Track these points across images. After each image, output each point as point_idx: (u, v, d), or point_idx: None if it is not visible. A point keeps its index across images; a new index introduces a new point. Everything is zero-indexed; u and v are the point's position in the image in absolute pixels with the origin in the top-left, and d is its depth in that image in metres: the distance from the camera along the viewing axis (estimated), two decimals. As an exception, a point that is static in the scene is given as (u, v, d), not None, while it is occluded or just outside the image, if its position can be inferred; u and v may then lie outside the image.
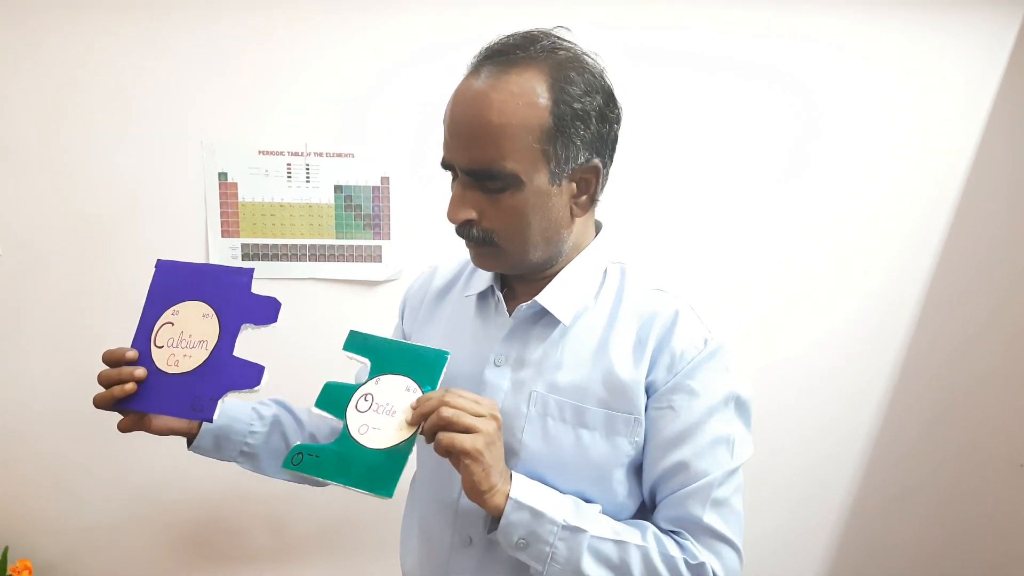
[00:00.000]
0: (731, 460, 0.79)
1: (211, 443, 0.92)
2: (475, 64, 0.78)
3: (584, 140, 0.76)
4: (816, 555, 1.85)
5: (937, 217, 1.71)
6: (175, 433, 0.88)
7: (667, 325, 0.80)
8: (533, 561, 0.76)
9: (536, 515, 0.74)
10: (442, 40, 1.53)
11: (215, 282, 0.83)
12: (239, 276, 0.83)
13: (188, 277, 0.85)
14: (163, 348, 0.81)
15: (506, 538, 0.75)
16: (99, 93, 1.49)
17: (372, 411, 0.78)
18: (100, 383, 0.80)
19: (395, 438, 0.76)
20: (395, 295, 1.60)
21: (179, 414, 0.79)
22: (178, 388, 0.79)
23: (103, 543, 1.66)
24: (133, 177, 1.53)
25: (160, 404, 0.80)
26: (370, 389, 0.79)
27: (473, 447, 0.70)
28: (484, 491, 0.73)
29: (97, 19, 1.46)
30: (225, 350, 0.80)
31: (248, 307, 0.82)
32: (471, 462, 0.71)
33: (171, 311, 0.83)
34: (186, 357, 0.80)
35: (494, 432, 0.73)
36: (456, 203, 0.78)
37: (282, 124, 1.55)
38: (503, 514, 0.74)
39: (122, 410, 0.81)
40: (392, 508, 1.65)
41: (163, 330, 0.82)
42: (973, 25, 1.61)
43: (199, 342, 0.81)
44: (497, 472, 0.74)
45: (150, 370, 0.80)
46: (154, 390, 0.80)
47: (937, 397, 1.79)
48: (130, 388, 0.78)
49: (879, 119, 1.65)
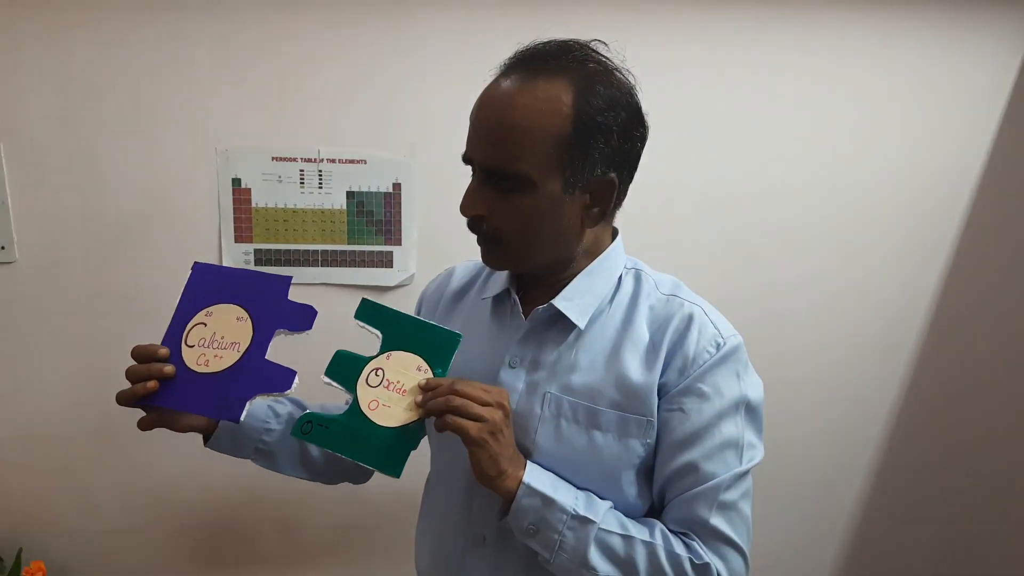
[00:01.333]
0: (740, 464, 0.80)
1: (228, 440, 0.93)
2: (507, 65, 0.79)
3: (603, 154, 0.76)
4: (826, 563, 1.85)
5: (949, 223, 1.70)
6: (194, 430, 0.89)
7: (680, 329, 0.81)
8: (542, 548, 0.77)
9: (547, 502, 0.76)
10: (454, 49, 1.54)
11: (253, 287, 0.85)
12: (277, 283, 0.85)
13: (225, 280, 0.86)
14: (194, 348, 0.82)
15: (516, 523, 0.77)
16: (116, 100, 1.51)
17: (383, 387, 0.79)
18: (128, 378, 0.81)
19: (405, 418, 0.77)
20: (406, 299, 1.62)
21: (204, 412, 0.80)
22: (206, 387, 0.80)
23: (116, 545, 1.67)
24: (149, 182, 1.54)
25: (186, 401, 0.80)
26: (381, 364, 0.80)
27: (479, 435, 0.73)
28: (493, 476, 0.75)
29: (115, 28, 1.48)
30: (257, 353, 0.81)
31: (284, 313, 0.83)
32: (477, 449, 0.74)
33: (204, 312, 0.84)
34: (217, 358, 0.81)
35: (500, 420, 0.75)
36: (470, 197, 0.80)
37: (295, 131, 1.56)
38: (515, 498, 0.76)
39: (145, 406, 0.81)
40: (402, 511, 1.67)
41: (195, 330, 0.83)
42: (986, 32, 1.61)
43: (231, 344, 0.82)
44: (506, 458, 0.76)
45: (178, 368, 0.80)
46: (181, 388, 0.80)
47: (946, 405, 1.78)
48: (152, 386, 0.78)
49: (890, 125, 1.65)
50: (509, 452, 0.77)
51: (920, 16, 1.59)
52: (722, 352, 0.80)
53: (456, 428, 0.73)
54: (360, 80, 1.55)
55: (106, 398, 1.57)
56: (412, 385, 0.78)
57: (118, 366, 1.58)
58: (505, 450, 0.76)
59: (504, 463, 0.75)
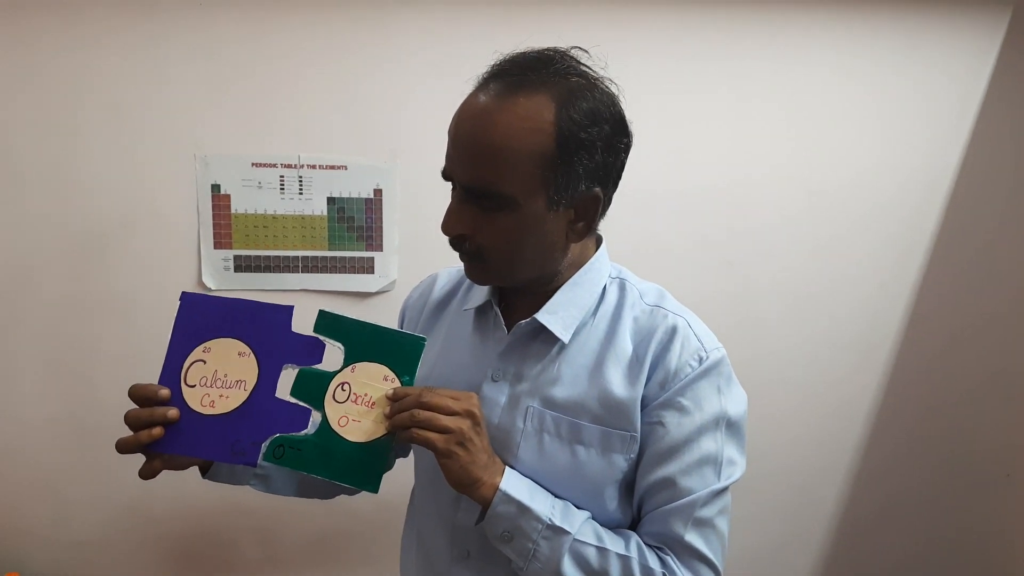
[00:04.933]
0: (717, 481, 0.79)
1: (227, 471, 0.90)
2: (485, 78, 0.76)
3: (587, 169, 0.75)
4: (806, 566, 1.86)
5: (925, 224, 1.72)
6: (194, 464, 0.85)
7: (664, 342, 0.81)
8: (515, 556, 0.77)
9: (523, 510, 0.76)
10: (435, 54, 1.54)
11: (251, 319, 0.79)
12: (277, 314, 0.79)
13: (219, 312, 0.80)
14: (195, 387, 0.77)
15: (491, 529, 0.77)
16: (93, 105, 1.49)
17: (351, 402, 0.77)
18: (128, 424, 0.76)
19: (376, 431, 0.76)
20: (387, 306, 1.62)
21: (220, 458, 0.76)
22: (215, 430, 0.76)
23: (93, 556, 1.65)
24: (127, 189, 1.52)
25: (195, 447, 0.76)
26: (346, 377, 0.78)
27: (446, 447, 0.72)
28: (467, 485, 0.75)
29: (91, 32, 1.46)
30: (266, 391, 0.77)
31: (290, 347, 0.79)
32: (447, 460, 0.73)
33: (202, 348, 0.79)
34: (223, 398, 0.77)
35: (468, 429, 0.74)
36: (451, 216, 0.78)
37: (275, 136, 1.55)
38: (490, 505, 0.76)
39: (147, 452, 0.76)
40: (383, 520, 1.66)
41: (194, 368, 0.78)
42: (961, 29, 1.62)
43: (236, 382, 0.78)
44: (479, 466, 0.75)
45: (182, 410, 0.76)
46: (188, 431, 0.76)
47: (924, 408, 1.80)
48: (157, 433, 0.74)
49: (866, 125, 1.66)
50: (482, 459, 0.76)
51: (894, 16, 1.60)
52: (704, 366, 0.80)
53: (423, 442, 0.72)
54: (340, 85, 1.54)
55: (82, 406, 1.57)
56: (380, 396, 0.77)
57: (95, 374, 1.57)
58: (477, 458, 0.75)
59: (477, 471, 0.75)
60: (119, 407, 0.75)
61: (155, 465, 0.77)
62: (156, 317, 1.53)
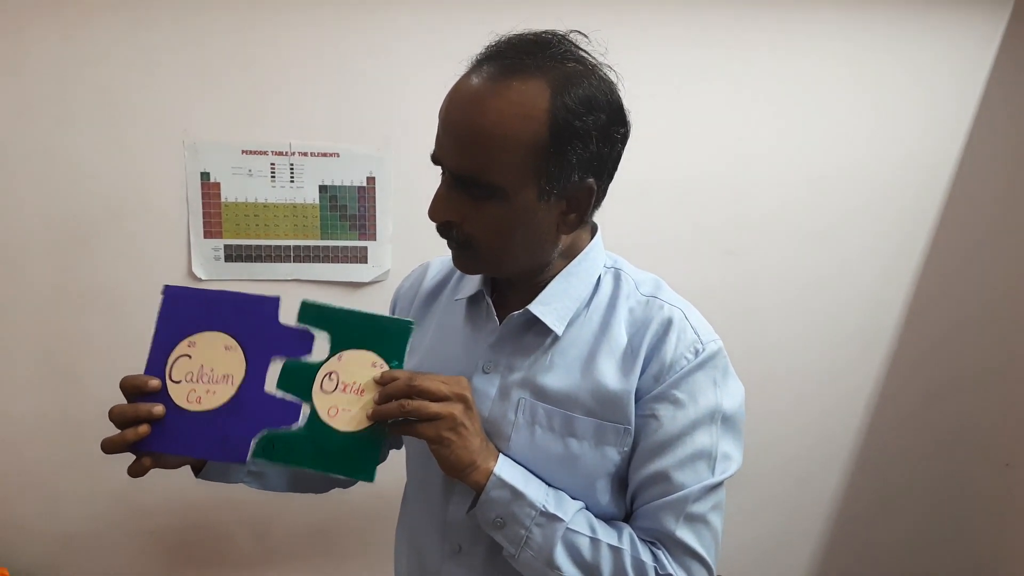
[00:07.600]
0: (711, 475, 0.78)
1: (220, 469, 0.87)
2: (480, 60, 0.74)
3: (581, 159, 0.72)
4: (804, 558, 1.86)
5: (924, 214, 1.72)
6: (186, 463, 0.82)
7: (659, 333, 0.79)
8: (508, 543, 0.75)
9: (516, 495, 0.74)
10: (429, 41, 1.51)
11: (236, 311, 0.77)
12: (263, 306, 0.77)
13: (203, 305, 0.78)
14: (181, 383, 0.75)
15: (484, 514, 0.75)
16: (79, 92, 1.46)
17: (339, 391, 0.75)
18: (113, 421, 0.73)
19: (367, 419, 0.74)
20: (381, 296, 1.59)
21: (210, 455, 0.75)
22: (203, 426, 0.74)
23: (82, 550, 1.63)
24: (114, 177, 1.50)
25: (182, 444, 0.74)
26: (333, 367, 0.76)
27: (438, 435, 0.71)
28: (460, 470, 0.74)
29: (78, 18, 1.43)
30: (254, 385, 0.75)
31: (278, 338, 0.76)
32: (440, 447, 0.72)
33: (186, 342, 0.76)
34: (210, 393, 0.75)
35: (461, 414, 0.73)
36: (439, 202, 0.75)
37: (266, 123, 1.53)
38: (484, 490, 0.74)
39: (135, 450, 0.74)
40: (376, 513, 1.65)
41: (179, 363, 0.76)
42: (962, 19, 1.62)
43: (223, 377, 0.75)
44: (473, 450, 0.74)
45: (168, 407, 0.74)
46: (174, 428, 0.74)
47: (922, 399, 1.80)
48: (143, 431, 0.72)
49: (866, 115, 1.65)
50: (476, 443, 0.74)
51: (896, 7, 1.60)
52: (700, 358, 0.78)
53: (414, 433, 0.71)
54: (332, 71, 1.52)
55: (70, 398, 1.55)
56: (369, 382, 0.75)
57: (83, 366, 1.55)
58: (470, 443, 0.73)
59: (470, 456, 0.73)
60: (108, 400, 0.73)
61: (144, 463, 0.74)
62: (145, 308, 1.47)
